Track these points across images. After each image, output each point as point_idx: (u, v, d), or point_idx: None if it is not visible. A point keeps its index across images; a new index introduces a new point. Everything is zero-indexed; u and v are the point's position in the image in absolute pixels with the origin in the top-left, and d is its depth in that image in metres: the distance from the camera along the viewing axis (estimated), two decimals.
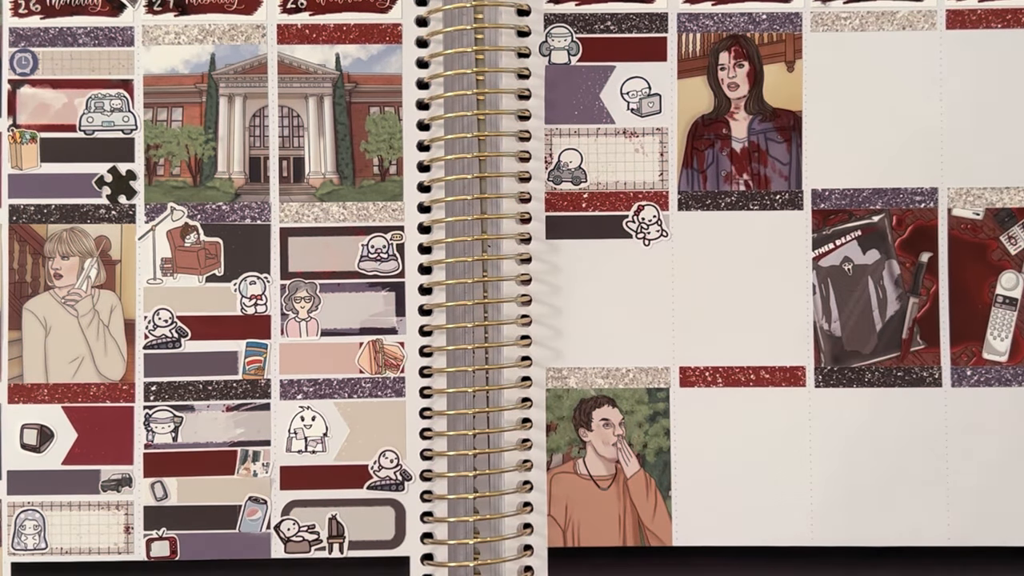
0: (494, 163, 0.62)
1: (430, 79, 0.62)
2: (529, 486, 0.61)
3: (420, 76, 0.62)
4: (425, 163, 0.62)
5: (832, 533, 0.61)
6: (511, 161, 0.62)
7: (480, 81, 0.61)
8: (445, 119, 0.61)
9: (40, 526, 0.61)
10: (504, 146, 0.61)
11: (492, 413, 0.61)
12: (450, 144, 0.61)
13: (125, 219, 0.62)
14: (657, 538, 0.61)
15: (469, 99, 0.61)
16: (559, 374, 0.62)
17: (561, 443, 0.62)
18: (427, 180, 0.62)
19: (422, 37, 0.62)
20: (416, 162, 0.62)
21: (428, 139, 0.62)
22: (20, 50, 0.62)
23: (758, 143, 0.62)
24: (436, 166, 0.62)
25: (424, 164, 0.62)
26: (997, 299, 0.61)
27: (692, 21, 0.62)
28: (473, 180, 0.61)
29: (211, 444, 0.62)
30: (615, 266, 0.62)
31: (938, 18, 0.62)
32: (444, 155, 0.61)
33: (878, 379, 0.61)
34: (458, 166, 0.61)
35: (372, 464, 0.61)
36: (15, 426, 0.62)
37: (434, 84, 0.62)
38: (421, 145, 0.62)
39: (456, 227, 0.61)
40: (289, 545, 0.61)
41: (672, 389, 0.62)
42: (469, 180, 0.61)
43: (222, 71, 0.62)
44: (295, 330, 0.62)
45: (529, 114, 0.62)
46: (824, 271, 0.62)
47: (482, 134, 0.61)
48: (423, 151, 0.62)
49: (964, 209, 0.61)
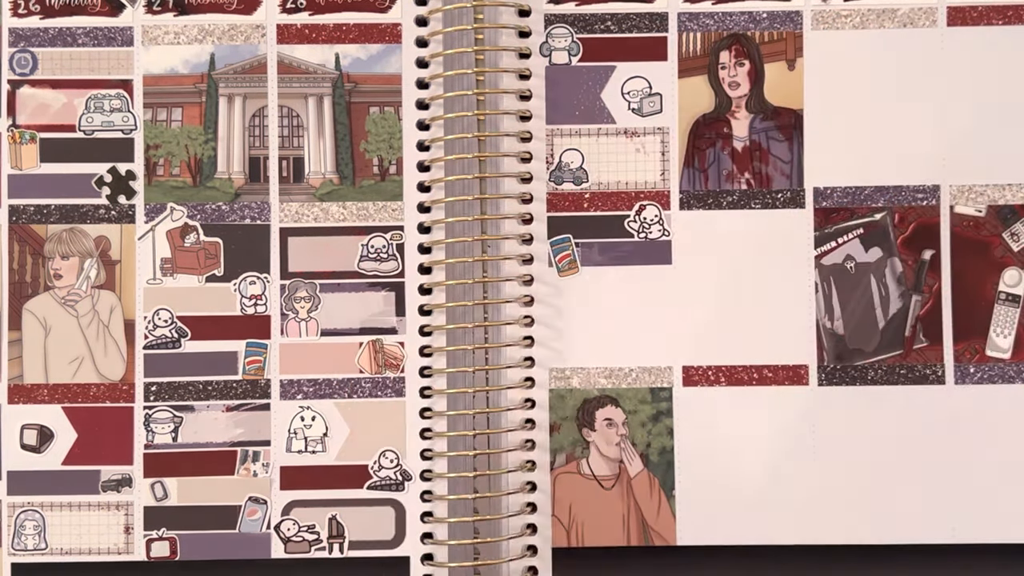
0: (494, 163, 0.62)
1: (430, 79, 0.62)
2: (532, 487, 0.61)
3: (420, 76, 0.62)
4: (425, 163, 0.62)
5: (836, 531, 0.60)
6: (512, 161, 0.62)
7: (480, 81, 0.61)
8: (445, 119, 0.61)
9: (40, 526, 0.61)
10: (505, 146, 0.61)
11: (492, 413, 0.60)
12: (450, 144, 0.61)
13: (125, 219, 0.62)
14: (661, 537, 0.61)
15: (469, 99, 0.61)
16: (562, 374, 0.61)
17: (565, 443, 0.62)
18: (427, 180, 0.62)
19: (422, 37, 0.62)
20: (416, 162, 0.62)
21: (428, 139, 0.62)
22: (20, 50, 0.62)
23: (759, 142, 0.62)
24: (436, 166, 0.61)
25: (424, 164, 0.62)
26: (1000, 296, 0.61)
27: (692, 20, 0.63)
28: (473, 180, 0.61)
29: (211, 444, 0.61)
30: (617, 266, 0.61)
31: (939, 15, 0.62)
32: (444, 155, 0.61)
33: (881, 377, 0.61)
34: (458, 166, 0.61)
35: (372, 464, 0.61)
36: (15, 426, 0.61)
37: (434, 84, 0.62)
38: (421, 145, 0.62)
39: (456, 227, 0.61)
40: (289, 545, 0.61)
41: (675, 388, 0.61)
42: (469, 180, 0.61)
43: (222, 71, 0.62)
44: (295, 330, 0.62)
45: (530, 114, 0.62)
46: (826, 269, 0.61)
47: (482, 134, 0.61)
48: (423, 151, 0.62)
49: (966, 206, 0.61)
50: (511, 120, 0.62)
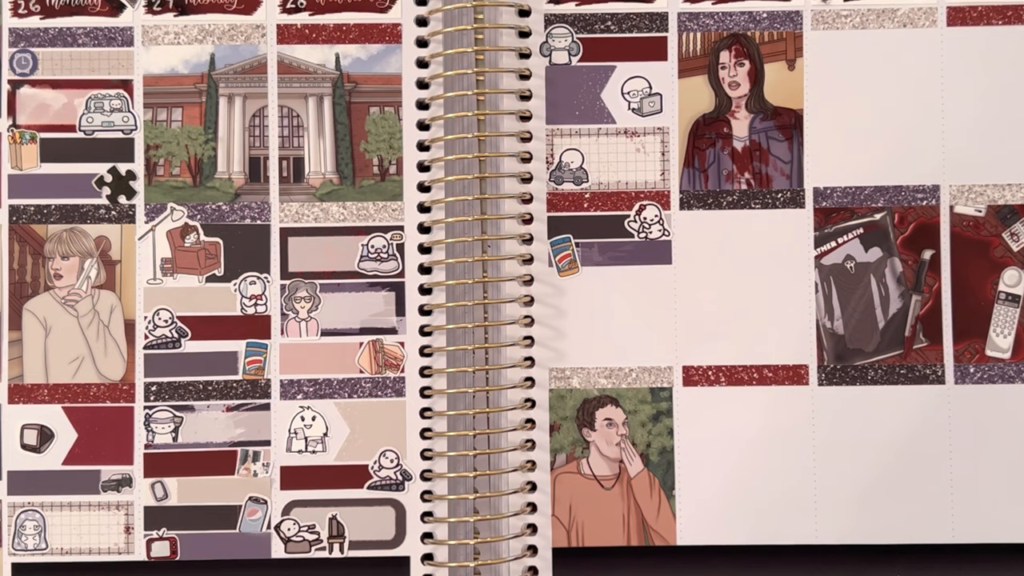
0: (494, 163, 0.62)
1: (430, 79, 0.62)
2: (532, 487, 0.61)
3: (420, 76, 0.62)
4: (425, 163, 0.62)
5: (836, 532, 0.60)
6: (512, 161, 0.62)
7: (480, 81, 0.61)
8: (445, 119, 0.61)
9: (40, 526, 0.61)
10: (505, 146, 0.61)
11: (492, 413, 0.60)
12: (450, 144, 0.61)
13: (125, 219, 0.62)
14: (661, 537, 0.61)
15: (469, 99, 0.61)
16: (562, 374, 0.61)
17: (565, 443, 0.62)
18: (427, 180, 0.62)
19: (422, 37, 0.62)
20: (416, 162, 0.62)
21: (428, 139, 0.62)
22: (20, 50, 0.62)
23: (759, 142, 0.62)
24: (436, 166, 0.61)
25: (424, 164, 0.62)
26: (1000, 296, 0.61)
27: (692, 20, 0.62)
28: (473, 180, 0.61)
29: (211, 444, 0.61)
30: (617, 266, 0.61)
31: (939, 15, 0.62)
32: (444, 155, 0.61)
33: (881, 377, 0.61)
34: (458, 166, 0.61)
35: (372, 464, 0.61)
36: (15, 426, 0.61)
37: (434, 84, 0.62)
38: (421, 145, 0.62)
39: (456, 227, 0.61)
40: (289, 545, 0.61)
41: (675, 388, 0.61)
42: (469, 180, 0.61)
43: (222, 71, 0.62)
44: (295, 330, 0.62)
45: (530, 115, 0.62)
46: (826, 269, 0.61)
47: (482, 134, 0.61)
48: (423, 151, 0.62)
49: (966, 206, 0.61)
50: (511, 120, 0.62)
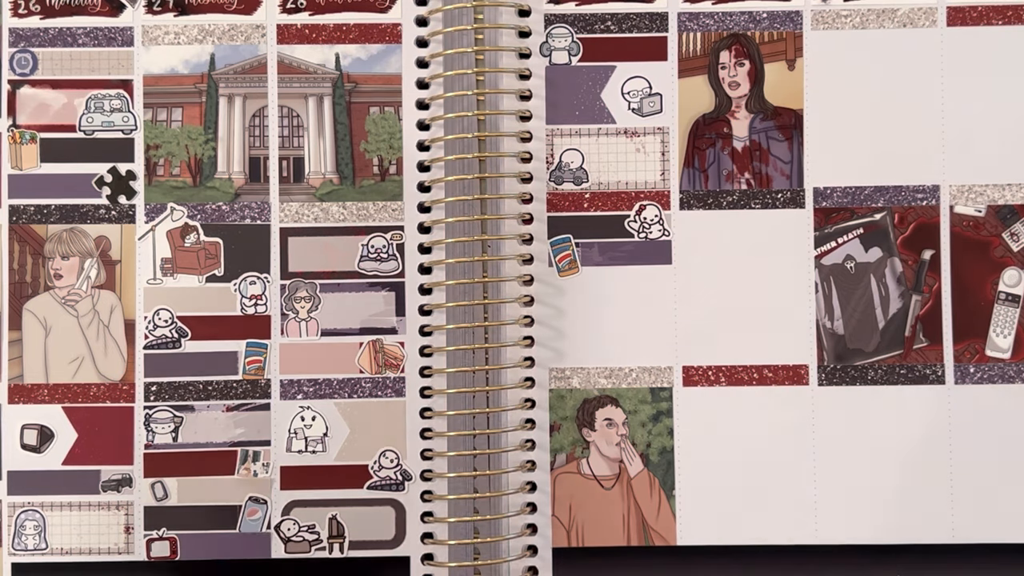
0: (494, 163, 0.62)
1: (430, 79, 0.62)
2: (532, 487, 0.61)
3: (420, 76, 0.62)
4: (425, 163, 0.62)
5: (836, 532, 0.60)
6: (512, 161, 0.62)
7: (480, 81, 0.61)
8: (445, 119, 0.61)
9: (40, 526, 0.61)
10: (505, 146, 0.61)
11: (492, 413, 0.60)
12: (450, 144, 0.61)
13: (125, 219, 0.62)
14: (661, 537, 0.61)
15: (469, 99, 0.61)
16: (562, 374, 0.61)
17: (565, 443, 0.62)
18: (427, 180, 0.62)
19: (422, 37, 0.62)
20: (416, 162, 0.62)
21: (428, 139, 0.62)
22: (20, 50, 0.62)
23: (759, 142, 0.62)
24: (436, 166, 0.61)
25: (424, 164, 0.62)
26: (1000, 296, 0.61)
27: (692, 20, 0.62)
28: (473, 180, 0.61)
29: (211, 444, 0.61)
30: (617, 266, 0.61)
31: (939, 15, 0.62)
32: (444, 155, 0.61)
33: (881, 377, 0.61)
34: (458, 166, 0.61)
35: (372, 464, 0.61)
36: (15, 426, 0.61)
37: (434, 84, 0.62)
38: (421, 145, 0.62)
39: (456, 227, 0.61)
40: (289, 545, 0.61)
41: (675, 388, 0.61)
42: (469, 180, 0.61)
43: (222, 71, 0.62)
44: (295, 330, 0.62)
45: (530, 115, 0.62)
46: (826, 269, 0.61)
47: (482, 134, 0.61)
48: (423, 151, 0.62)
49: (966, 206, 0.61)
50: (511, 120, 0.62)
